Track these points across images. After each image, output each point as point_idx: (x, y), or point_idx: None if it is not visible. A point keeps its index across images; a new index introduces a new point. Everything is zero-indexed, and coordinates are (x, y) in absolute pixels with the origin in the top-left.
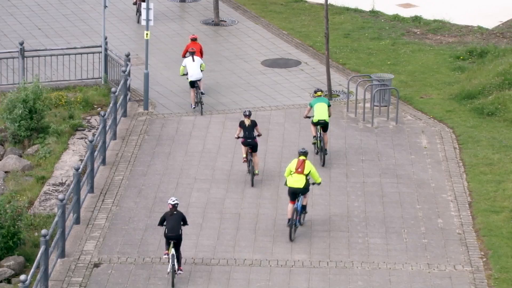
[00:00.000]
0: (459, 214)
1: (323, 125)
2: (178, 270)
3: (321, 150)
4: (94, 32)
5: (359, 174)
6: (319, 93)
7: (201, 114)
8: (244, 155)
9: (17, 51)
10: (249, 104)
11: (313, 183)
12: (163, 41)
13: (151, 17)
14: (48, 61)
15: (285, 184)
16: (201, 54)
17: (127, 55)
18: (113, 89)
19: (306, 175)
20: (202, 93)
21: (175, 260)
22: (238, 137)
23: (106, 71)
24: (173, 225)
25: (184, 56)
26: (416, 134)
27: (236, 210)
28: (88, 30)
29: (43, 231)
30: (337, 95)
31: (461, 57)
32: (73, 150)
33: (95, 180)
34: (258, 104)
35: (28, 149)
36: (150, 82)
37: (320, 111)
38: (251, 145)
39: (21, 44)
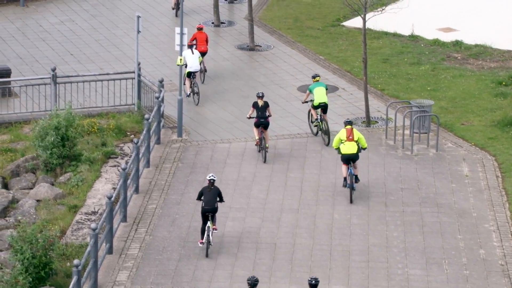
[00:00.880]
0: (502, 245)
1: (324, 107)
2: (213, 230)
3: (324, 131)
4: (127, 58)
5: (398, 203)
6: (317, 78)
7: (196, 104)
8: (257, 137)
9: (49, 77)
10: (285, 131)
11: (361, 149)
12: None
13: (185, 42)
14: (80, 87)
15: (339, 152)
16: (206, 43)
17: (161, 81)
18: (146, 116)
19: (356, 141)
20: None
21: (210, 232)
22: (250, 117)
23: (139, 97)
24: (210, 199)
25: (190, 44)
26: (457, 162)
27: (272, 240)
28: (121, 56)
29: (75, 261)
30: (376, 121)
31: (503, 83)
32: (105, 178)
33: (128, 209)
34: (295, 131)
35: (60, 177)
36: (184, 109)
37: (320, 95)
38: (264, 124)
39: (53, 70)
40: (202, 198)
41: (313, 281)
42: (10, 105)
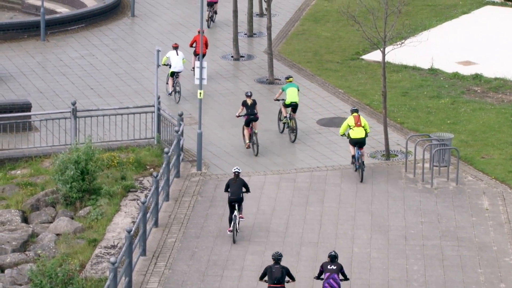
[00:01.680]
0: None
1: (294, 107)
2: (240, 219)
3: (292, 129)
4: (147, 92)
5: (418, 236)
6: (290, 79)
7: (177, 102)
8: (248, 141)
9: (69, 111)
10: (304, 164)
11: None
12: (216, 100)
13: (205, 75)
14: (100, 121)
15: (348, 137)
16: (205, 46)
17: (180, 115)
18: (166, 150)
19: (363, 126)
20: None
21: (237, 220)
22: (239, 116)
23: (159, 131)
24: (235, 189)
25: (191, 46)
26: (477, 196)
27: (292, 274)
28: (140, 90)
29: None
30: (395, 155)
31: None
32: (125, 212)
33: (147, 242)
34: (314, 164)
35: (80, 211)
36: (204, 142)
37: (292, 95)
38: (254, 120)
39: (73, 104)
40: (229, 189)
41: (333, 252)
42: (30, 139)
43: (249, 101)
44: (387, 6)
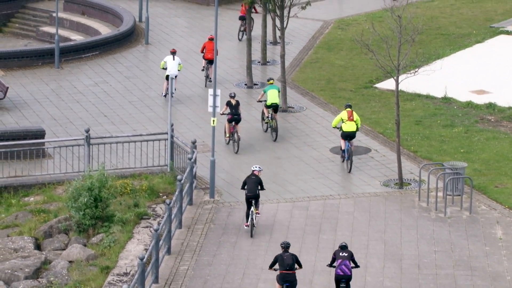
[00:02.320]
0: None
1: (275, 107)
2: (256, 214)
3: (273, 128)
4: (160, 119)
5: (431, 265)
6: (271, 81)
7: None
8: (228, 134)
9: (83, 139)
10: (317, 192)
11: (358, 129)
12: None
13: (218, 103)
14: (113, 148)
15: (340, 129)
16: (213, 52)
17: (193, 142)
18: (179, 177)
19: (355, 121)
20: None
21: (254, 216)
22: (223, 113)
23: (172, 158)
24: (252, 186)
25: (202, 52)
26: (491, 225)
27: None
28: (154, 117)
29: None
30: (409, 183)
31: None
32: (138, 239)
33: (160, 270)
34: (327, 193)
35: (93, 238)
36: (217, 170)
37: (273, 96)
38: (237, 120)
39: (87, 131)
40: (246, 187)
41: (344, 242)
42: (43, 166)
43: (233, 102)
44: (400, 35)
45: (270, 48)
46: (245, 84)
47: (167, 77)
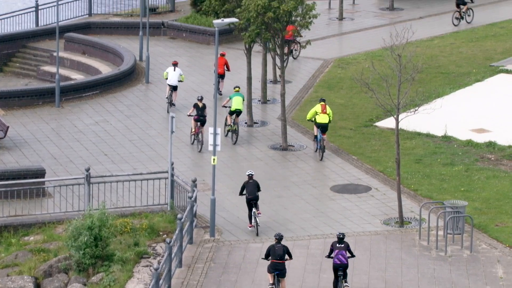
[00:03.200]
0: None
1: (238, 113)
2: (258, 214)
3: (234, 131)
4: (161, 158)
5: None
6: (237, 88)
7: (167, 112)
8: (194, 130)
9: (83, 178)
10: (317, 231)
11: (330, 121)
12: (230, 167)
13: (218, 142)
14: (114, 187)
15: (313, 121)
16: (224, 67)
17: (194, 181)
18: (179, 216)
19: (328, 114)
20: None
21: (256, 216)
22: (190, 115)
23: (172, 197)
24: (252, 189)
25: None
26: (491, 264)
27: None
28: (154, 156)
29: None
30: (409, 222)
31: None
32: (137, 278)
33: None
34: (327, 231)
35: (93, 277)
36: (217, 208)
37: (237, 102)
38: (202, 121)
39: (87, 170)
40: (245, 191)
41: (341, 235)
42: (43, 205)
43: (200, 104)
44: (400, 74)
45: (270, 86)
46: (245, 123)
47: (170, 88)
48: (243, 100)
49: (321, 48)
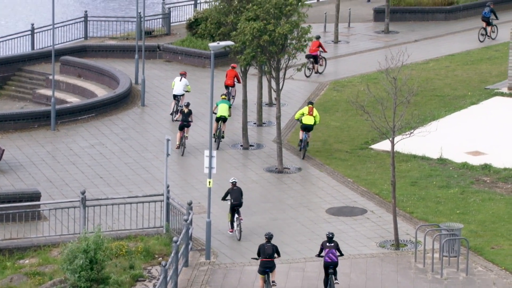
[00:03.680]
0: None
1: (223, 119)
2: (240, 220)
3: (219, 137)
4: (156, 181)
5: None
6: (223, 96)
7: (172, 120)
8: (178, 143)
9: (79, 201)
10: (313, 253)
11: (315, 123)
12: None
13: (214, 164)
14: (109, 210)
15: (300, 121)
16: (233, 78)
17: (189, 204)
18: (174, 239)
19: (314, 117)
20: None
21: (239, 221)
22: (178, 120)
23: (168, 220)
24: (237, 196)
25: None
26: (487, 286)
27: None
28: (150, 179)
29: None
30: (405, 244)
31: None
32: None
33: None
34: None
35: None
36: (212, 231)
37: (222, 109)
38: (186, 126)
39: (83, 193)
40: (228, 197)
41: (330, 234)
42: (39, 228)
43: (185, 110)
44: (396, 96)
45: (266, 109)
46: (241, 145)
47: (174, 96)
48: (229, 107)
49: None
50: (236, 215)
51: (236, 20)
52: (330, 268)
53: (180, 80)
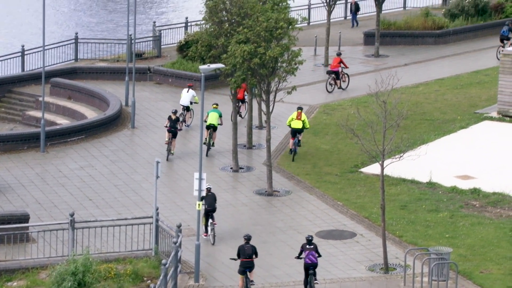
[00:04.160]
0: None
1: (213, 128)
2: (214, 225)
3: (209, 144)
4: (145, 203)
5: None
6: (214, 105)
7: (180, 129)
8: (167, 139)
9: (67, 223)
10: (303, 276)
11: (304, 128)
12: (215, 212)
13: (204, 187)
14: (98, 232)
15: (289, 126)
16: (244, 92)
17: (179, 226)
18: (163, 261)
19: (302, 121)
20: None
21: (213, 226)
22: (166, 126)
23: (157, 242)
24: (211, 201)
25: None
26: None
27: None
28: (139, 201)
29: None
30: (394, 268)
31: None
32: None
33: None
34: None
35: None
36: (202, 254)
37: (212, 118)
38: (174, 133)
39: (72, 215)
40: (203, 202)
41: (310, 237)
42: (27, 250)
43: (173, 117)
44: (385, 120)
45: (256, 132)
46: (231, 168)
47: (183, 108)
48: (220, 116)
49: (307, 94)
50: (210, 220)
51: (227, 43)
52: (310, 269)
53: (188, 92)
